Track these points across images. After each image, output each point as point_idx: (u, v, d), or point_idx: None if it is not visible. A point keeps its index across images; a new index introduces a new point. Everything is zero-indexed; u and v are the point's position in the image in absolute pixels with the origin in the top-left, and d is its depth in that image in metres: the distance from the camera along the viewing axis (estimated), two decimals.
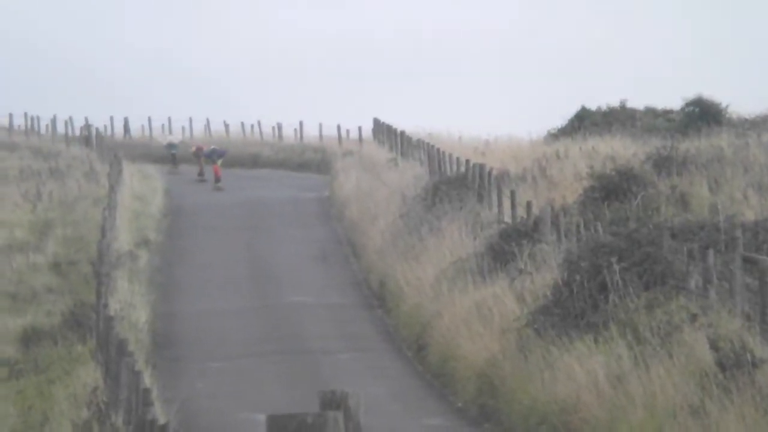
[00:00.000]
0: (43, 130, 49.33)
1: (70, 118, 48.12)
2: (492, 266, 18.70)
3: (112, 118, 49.38)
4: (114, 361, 13.13)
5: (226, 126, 48.73)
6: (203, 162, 37.62)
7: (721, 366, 11.15)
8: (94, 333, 17.35)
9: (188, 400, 14.83)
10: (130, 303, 20.26)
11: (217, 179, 35.99)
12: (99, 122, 47.16)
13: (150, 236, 28.08)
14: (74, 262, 24.01)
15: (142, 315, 20.23)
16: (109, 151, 39.02)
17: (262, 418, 12.28)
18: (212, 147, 37.76)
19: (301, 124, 46.72)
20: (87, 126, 45.78)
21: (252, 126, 48.30)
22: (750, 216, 17.98)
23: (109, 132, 48.03)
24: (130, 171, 35.83)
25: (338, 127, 44.84)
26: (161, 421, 9.78)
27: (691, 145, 25.68)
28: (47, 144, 45.50)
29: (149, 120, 49.39)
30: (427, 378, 17.83)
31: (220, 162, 36.36)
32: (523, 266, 17.59)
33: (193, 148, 39.43)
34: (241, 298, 23.24)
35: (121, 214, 28.17)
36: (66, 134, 47.38)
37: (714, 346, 11.42)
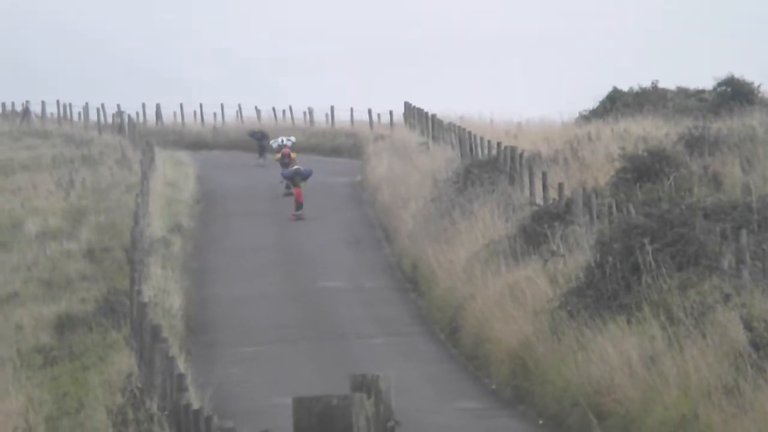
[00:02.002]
0: (75, 118, 49.60)
1: (103, 106, 48.38)
2: (524, 248, 18.65)
3: (144, 105, 49.62)
4: (148, 347, 13.21)
5: (258, 112, 48.80)
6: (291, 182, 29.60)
7: (755, 346, 11.08)
8: (128, 319, 17.46)
9: (222, 385, 14.90)
10: (164, 289, 20.37)
11: (299, 205, 28.72)
12: (131, 109, 47.39)
13: (183, 222, 28.19)
14: (108, 249, 24.15)
15: (175, 301, 20.33)
16: (142, 137, 39.17)
17: None
18: (296, 167, 29.93)
19: (332, 108, 46.75)
20: (119, 113, 45.97)
21: (284, 111, 48.35)
22: None
23: (141, 119, 48.22)
24: (162, 157, 35.96)
25: (369, 112, 44.82)
26: (195, 406, 9.84)
27: (723, 125, 25.50)
28: (80, 131, 45.75)
29: (181, 106, 49.56)
30: (461, 361, 17.82)
31: (304, 185, 29.04)
32: (555, 248, 17.53)
33: (278, 155, 32.64)
34: (274, 283, 23.31)
35: (153, 200, 28.30)
36: (98, 121, 47.60)
37: (748, 326, 11.35)
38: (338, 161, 39.48)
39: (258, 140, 38.42)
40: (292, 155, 32.41)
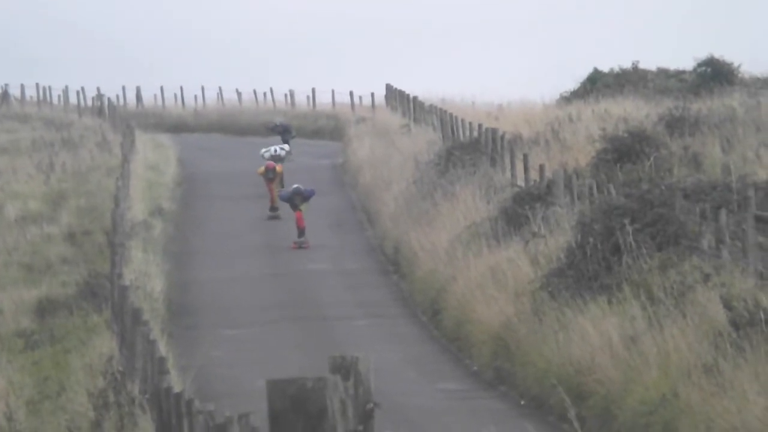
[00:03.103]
0: (55, 101, 49.37)
1: (82, 89, 48.15)
2: (506, 230, 18.69)
3: (124, 88, 49.41)
4: (129, 331, 13.19)
5: (239, 94, 48.67)
6: (276, 195, 25.04)
7: (735, 325, 11.14)
8: (109, 303, 17.42)
9: (204, 367, 14.90)
10: (145, 272, 20.33)
11: (301, 232, 23.19)
12: (111, 92, 47.16)
13: (164, 205, 28.12)
14: (88, 233, 24.08)
15: (157, 284, 20.29)
16: (122, 120, 39.01)
17: None
18: (295, 186, 23.90)
19: (313, 91, 46.65)
20: (99, 96, 45.76)
21: (264, 94, 48.25)
22: (762, 175, 17.92)
23: (121, 102, 48.02)
24: (142, 140, 35.83)
25: (351, 94, 44.77)
26: (177, 389, 9.83)
27: (703, 106, 25.57)
28: (59, 115, 45.55)
29: (161, 89, 49.39)
30: (443, 342, 17.86)
31: (305, 207, 23.32)
32: (536, 229, 17.58)
33: (261, 169, 26.72)
34: (256, 265, 23.29)
35: (134, 183, 28.21)
36: (78, 104, 47.39)
37: (727, 305, 11.41)
38: (320, 144, 39.43)
39: (280, 134, 33.40)
40: (278, 168, 26.77)
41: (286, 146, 29.50)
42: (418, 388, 14.85)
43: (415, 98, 36.22)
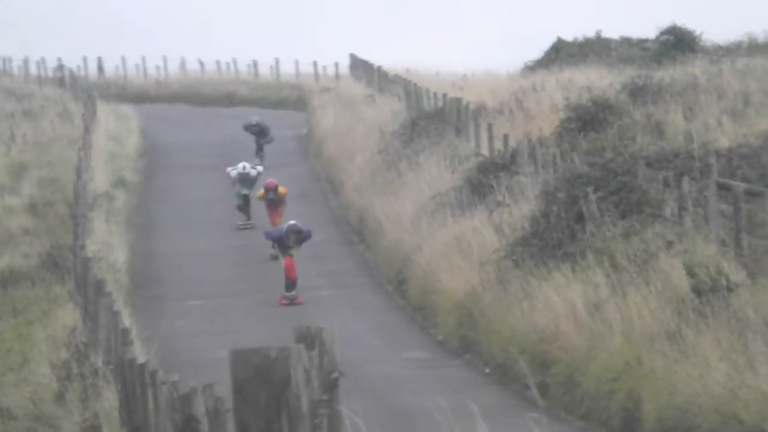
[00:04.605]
0: (15, 71, 48.82)
1: (43, 59, 47.62)
2: (470, 199, 18.74)
3: (85, 59, 48.92)
4: (92, 302, 13.12)
5: (202, 65, 48.32)
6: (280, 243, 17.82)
7: (697, 291, 11.24)
8: (71, 274, 17.32)
9: (168, 338, 14.87)
10: (108, 243, 20.22)
11: (292, 283, 17.72)
12: (72, 62, 46.69)
13: (126, 176, 27.97)
14: (50, 204, 23.90)
15: (120, 255, 20.20)
16: (83, 91, 38.67)
17: None
18: (291, 223, 17.99)
19: (277, 61, 46.40)
20: (60, 66, 45.31)
21: (227, 64, 47.92)
22: (724, 143, 18.05)
23: (82, 72, 47.59)
24: (104, 111, 35.56)
25: (314, 64, 44.57)
26: (141, 360, 9.80)
27: (665, 74, 25.68)
28: (20, 85, 45.05)
29: (123, 60, 48.96)
30: (408, 312, 17.92)
31: (296, 252, 17.85)
32: (501, 198, 17.64)
33: (260, 191, 20.85)
34: (220, 236, 23.22)
35: (96, 154, 28.02)
36: (39, 75, 46.90)
37: (690, 272, 11.50)
38: (283, 114, 39.28)
39: (255, 135, 28.06)
40: (281, 190, 20.43)
41: (259, 167, 22.63)
42: (384, 357, 14.88)
43: (379, 68, 36.14)
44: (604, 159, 15.67)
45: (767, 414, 9.66)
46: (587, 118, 21.65)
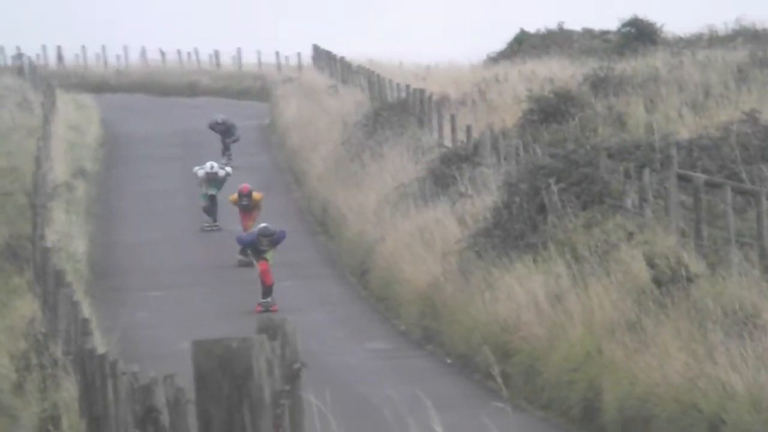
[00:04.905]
0: None
1: (2, 48, 47.19)
2: (433, 190, 18.78)
3: (44, 47, 48.50)
4: (52, 292, 13.02)
5: (163, 54, 48.05)
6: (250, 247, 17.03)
7: (657, 282, 11.32)
8: (31, 264, 17.18)
9: (128, 329, 14.80)
10: (68, 234, 20.09)
11: (267, 290, 16.83)
12: (31, 51, 46.24)
13: (86, 166, 27.78)
14: (9, 194, 23.68)
15: (80, 245, 20.08)
16: (43, 80, 38.34)
17: None
18: (262, 225, 17.22)
19: (239, 51, 46.21)
20: (19, 55, 44.88)
21: (189, 54, 47.67)
22: (685, 134, 18.19)
23: (42, 61, 47.17)
24: (64, 100, 35.27)
25: (277, 54, 44.45)
26: (101, 350, 9.73)
27: (627, 66, 25.82)
28: None
29: (83, 49, 48.56)
30: (371, 302, 17.94)
31: (271, 256, 16.84)
32: (463, 190, 17.69)
33: (234, 195, 19.95)
34: (181, 227, 23.12)
35: (56, 144, 27.81)
36: None
37: (650, 263, 11.58)
38: (246, 104, 39.14)
39: (221, 134, 26.90)
40: (255, 195, 19.64)
41: (228, 167, 22.08)
42: (346, 347, 14.88)
43: (342, 59, 36.07)
44: (566, 150, 15.75)
45: (726, 403, 9.76)
46: (549, 110, 21.74)
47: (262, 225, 17.41)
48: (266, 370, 3.47)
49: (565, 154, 15.31)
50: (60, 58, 48.02)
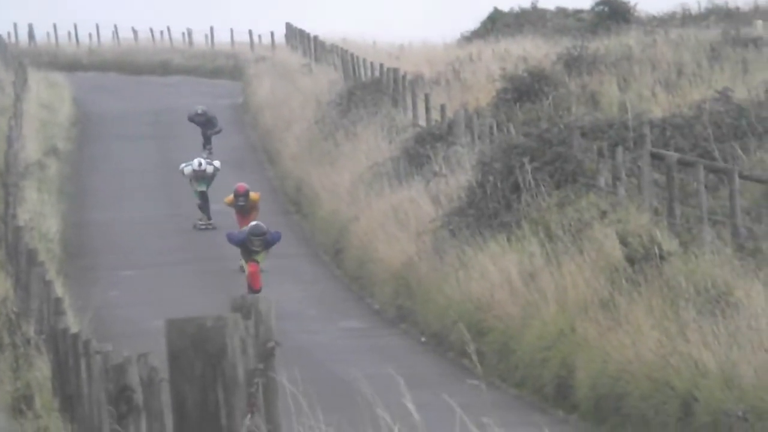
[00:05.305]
0: None
1: None
2: (408, 170, 18.78)
3: (15, 25, 48.06)
4: (24, 271, 12.95)
5: (135, 32, 47.70)
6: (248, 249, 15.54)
7: (630, 260, 11.38)
8: (2, 243, 17.07)
9: (101, 308, 14.74)
10: (40, 213, 19.97)
11: (254, 294, 13.77)
12: (2, 29, 45.80)
13: (59, 145, 27.61)
14: None
15: (52, 225, 19.96)
16: (14, 58, 38.02)
17: None
18: (254, 223, 16.12)
19: (211, 29, 45.96)
20: None
21: (161, 32, 47.36)
22: (658, 113, 18.24)
23: (12, 39, 46.75)
24: (36, 79, 35.00)
25: (250, 33, 44.23)
26: (74, 329, 9.69)
27: (600, 45, 25.84)
28: None
29: (55, 27, 48.15)
30: (345, 281, 17.94)
31: (263, 258, 15.78)
32: (437, 169, 17.69)
33: (230, 197, 18.45)
34: (154, 206, 23.02)
35: (27, 123, 27.61)
36: None
37: (623, 241, 11.64)
38: (219, 83, 38.95)
39: (201, 126, 25.43)
40: (253, 196, 18.28)
41: (216, 162, 20.52)
42: (320, 326, 14.89)
43: (315, 37, 35.93)
44: (540, 129, 15.77)
45: (698, 381, 9.83)
46: (523, 89, 21.75)
47: (254, 223, 15.86)
48: (240, 349, 3.46)
49: (538, 133, 15.33)
50: (31, 36, 47.61)
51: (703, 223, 12.03)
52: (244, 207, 18.27)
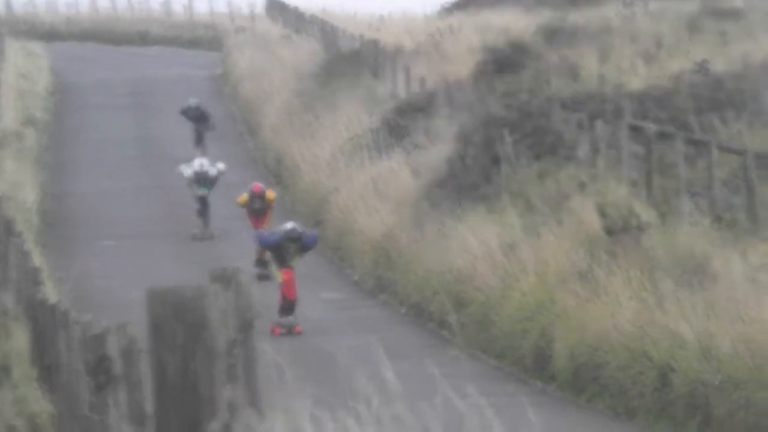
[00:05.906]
0: None
1: None
2: (388, 141, 18.77)
3: None
4: (2, 242, 12.89)
5: (113, 2, 47.38)
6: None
7: (609, 232, 11.44)
8: None
9: (81, 279, 14.71)
10: (18, 183, 19.88)
11: (287, 305, 13.49)
12: None
13: (37, 115, 27.44)
14: None
15: (30, 195, 19.87)
16: None
17: None
18: (290, 226, 13.80)
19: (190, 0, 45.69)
20: None
21: (140, 2, 47.03)
22: (637, 85, 18.27)
23: None
24: (13, 48, 34.72)
25: (229, 3, 43.98)
26: (53, 300, 9.68)
27: (580, 17, 25.85)
28: None
29: None
30: (325, 253, 17.96)
31: (297, 263, 13.78)
32: (418, 141, 17.68)
33: (243, 196, 16.53)
34: (133, 177, 22.94)
35: (5, 92, 27.44)
36: None
37: (602, 213, 11.70)
38: (197, 54, 38.75)
39: (193, 121, 23.08)
40: (269, 195, 16.45)
41: (220, 165, 18.27)
42: (301, 298, 14.91)
43: (295, 8, 35.78)
44: (520, 101, 15.80)
45: (676, 351, 9.91)
46: (503, 61, 21.74)
47: (290, 226, 13.41)
48: (220, 320, 3.47)
49: (518, 105, 15.36)
50: (9, 5, 47.21)
51: (681, 195, 12.09)
52: (260, 209, 16.14)
